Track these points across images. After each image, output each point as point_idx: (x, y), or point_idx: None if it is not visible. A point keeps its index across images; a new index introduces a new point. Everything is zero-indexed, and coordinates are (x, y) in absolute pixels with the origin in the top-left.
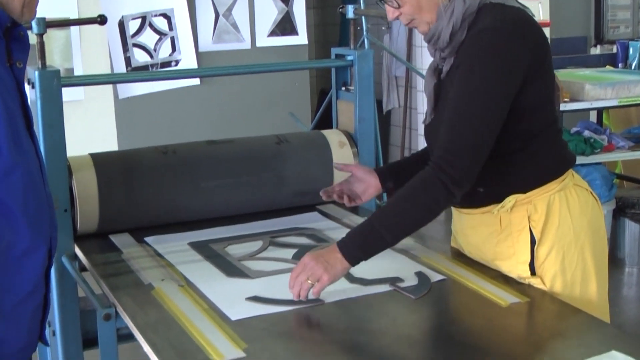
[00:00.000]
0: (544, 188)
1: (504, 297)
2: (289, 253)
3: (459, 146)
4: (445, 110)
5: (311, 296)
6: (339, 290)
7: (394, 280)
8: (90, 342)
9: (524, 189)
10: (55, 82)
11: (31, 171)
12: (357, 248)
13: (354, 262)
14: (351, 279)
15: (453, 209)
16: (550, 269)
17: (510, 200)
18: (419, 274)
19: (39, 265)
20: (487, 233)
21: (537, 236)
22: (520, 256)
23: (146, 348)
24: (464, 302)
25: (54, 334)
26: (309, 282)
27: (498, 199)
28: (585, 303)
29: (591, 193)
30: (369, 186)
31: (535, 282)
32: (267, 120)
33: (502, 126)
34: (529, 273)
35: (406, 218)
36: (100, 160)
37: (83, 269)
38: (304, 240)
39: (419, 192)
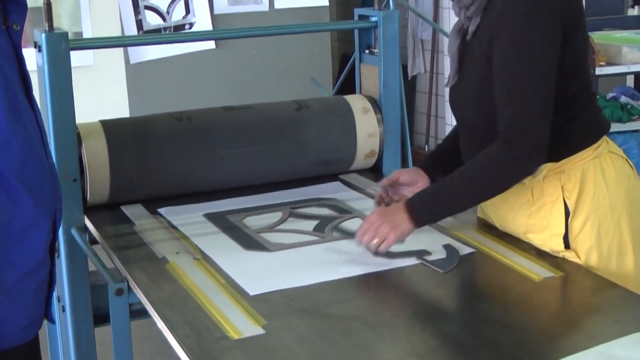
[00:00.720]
0: (577, 156)
1: (536, 271)
2: (310, 225)
3: (527, 120)
4: (496, 84)
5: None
6: (364, 263)
7: (421, 254)
8: (101, 318)
9: (556, 158)
10: (64, 46)
11: (31, 141)
12: (426, 211)
13: (419, 224)
14: (376, 252)
15: None
16: (585, 242)
17: (542, 169)
18: (447, 247)
19: (42, 239)
20: (519, 205)
21: (571, 207)
22: (554, 228)
23: (160, 324)
24: (494, 277)
25: (63, 309)
26: (375, 241)
27: None
28: (622, 277)
29: (627, 161)
30: (417, 186)
31: (569, 255)
32: (286, 86)
33: None
34: (562, 247)
35: (478, 194)
36: (111, 127)
37: (94, 241)
38: (325, 212)
39: (494, 169)
